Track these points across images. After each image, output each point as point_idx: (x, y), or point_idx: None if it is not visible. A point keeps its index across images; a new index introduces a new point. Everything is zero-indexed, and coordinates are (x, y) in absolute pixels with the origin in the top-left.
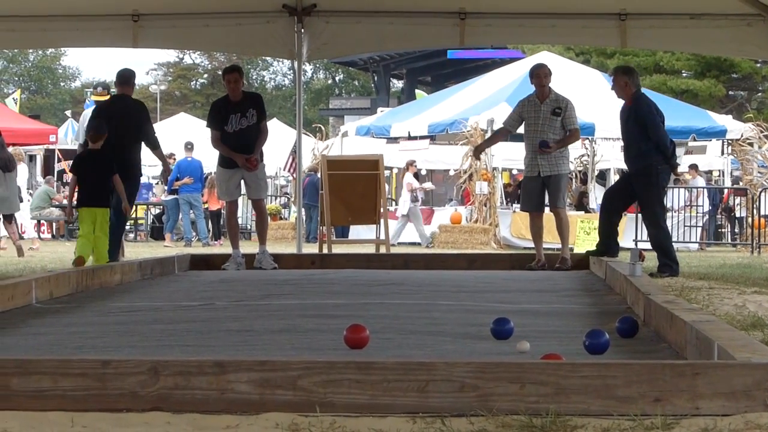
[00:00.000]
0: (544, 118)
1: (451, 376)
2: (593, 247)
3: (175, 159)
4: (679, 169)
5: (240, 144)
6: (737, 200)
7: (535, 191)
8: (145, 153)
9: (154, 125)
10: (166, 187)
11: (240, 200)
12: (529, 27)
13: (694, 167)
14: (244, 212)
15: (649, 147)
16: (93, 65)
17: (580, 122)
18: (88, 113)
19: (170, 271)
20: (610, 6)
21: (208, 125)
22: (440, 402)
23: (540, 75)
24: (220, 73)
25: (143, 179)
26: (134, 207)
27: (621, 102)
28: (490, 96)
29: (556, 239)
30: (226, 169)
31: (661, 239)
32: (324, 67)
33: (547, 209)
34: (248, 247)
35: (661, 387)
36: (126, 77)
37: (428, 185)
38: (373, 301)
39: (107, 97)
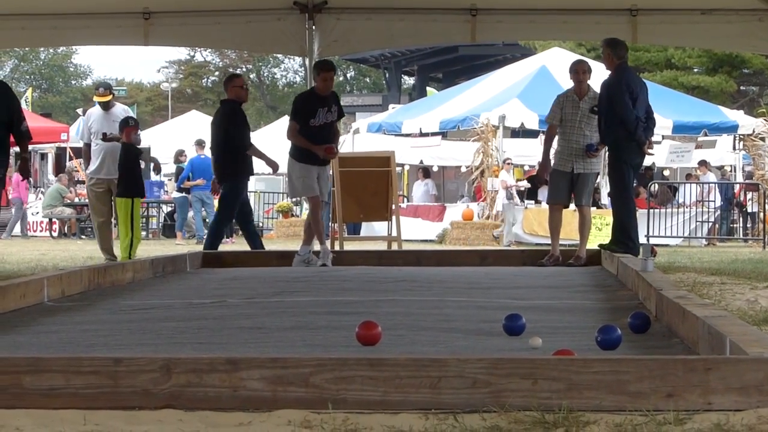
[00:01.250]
0: (582, 116)
1: (464, 372)
2: (604, 242)
3: (186, 157)
4: (690, 165)
5: (322, 138)
6: (749, 195)
7: (565, 185)
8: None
9: (165, 123)
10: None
11: (253, 197)
12: (541, 23)
13: (704, 163)
14: (255, 209)
15: (615, 121)
16: (104, 63)
17: None
18: (92, 112)
19: (182, 269)
20: (621, 1)
21: (293, 118)
22: (453, 398)
23: (579, 71)
24: (231, 70)
25: (156, 177)
26: (147, 205)
27: None
28: (501, 92)
29: (569, 235)
30: (304, 164)
31: (622, 216)
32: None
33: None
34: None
35: (673, 382)
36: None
37: (523, 183)
38: (385, 297)
39: (110, 98)
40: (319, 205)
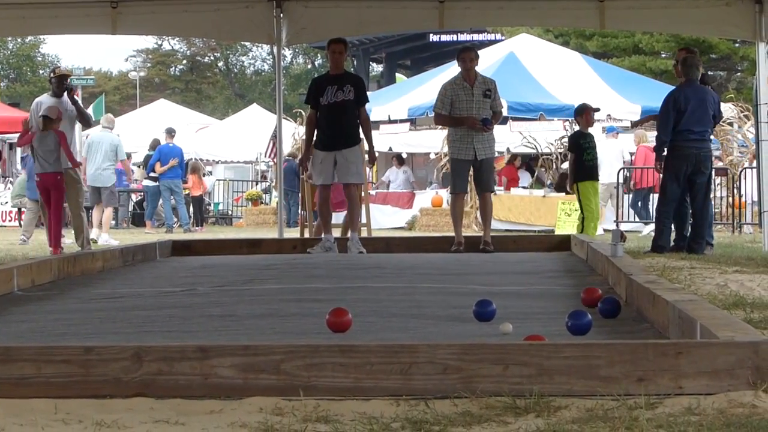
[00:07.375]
0: (477, 101)
1: (435, 358)
2: (573, 229)
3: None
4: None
5: (331, 117)
6: (718, 180)
7: (467, 174)
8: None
9: (134, 112)
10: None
11: (222, 185)
12: (508, 9)
13: None
14: (225, 197)
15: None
16: (72, 53)
17: (559, 104)
18: (42, 101)
19: (152, 258)
20: None
21: (306, 101)
22: (424, 384)
23: (466, 59)
24: (198, 59)
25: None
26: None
27: (596, 83)
28: None
29: (519, 220)
30: (321, 150)
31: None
32: (303, 52)
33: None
34: (230, 232)
35: (644, 367)
36: None
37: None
38: (355, 284)
39: (70, 75)
40: (328, 196)
